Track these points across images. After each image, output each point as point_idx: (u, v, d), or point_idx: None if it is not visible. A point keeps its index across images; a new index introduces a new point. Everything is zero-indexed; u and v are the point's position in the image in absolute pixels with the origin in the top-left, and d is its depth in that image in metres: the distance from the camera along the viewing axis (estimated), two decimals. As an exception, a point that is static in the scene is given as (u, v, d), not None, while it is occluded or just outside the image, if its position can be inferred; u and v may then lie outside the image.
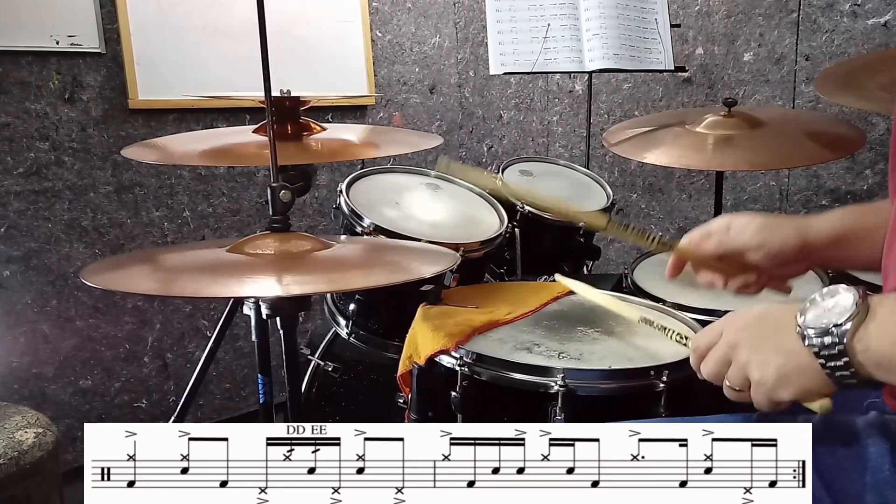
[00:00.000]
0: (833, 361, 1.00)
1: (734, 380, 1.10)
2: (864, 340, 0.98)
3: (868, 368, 0.99)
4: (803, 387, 1.04)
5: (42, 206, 2.95)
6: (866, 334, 0.99)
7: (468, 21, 4.24)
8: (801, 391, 1.04)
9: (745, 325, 1.11)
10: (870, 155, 2.88)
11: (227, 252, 1.63)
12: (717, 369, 1.12)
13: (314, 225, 3.71)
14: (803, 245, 1.42)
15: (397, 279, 1.66)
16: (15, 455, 1.98)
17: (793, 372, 1.04)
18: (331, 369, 2.25)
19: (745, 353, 1.08)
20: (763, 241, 1.43)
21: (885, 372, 0.99)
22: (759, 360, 1.06)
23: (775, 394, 1.05)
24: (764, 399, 1.07)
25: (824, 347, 1.00)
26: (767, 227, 1.44)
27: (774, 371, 1.05)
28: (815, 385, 1.03)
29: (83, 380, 3.13)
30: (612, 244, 3.74)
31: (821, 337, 1.00)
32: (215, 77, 3.27)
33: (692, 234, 1.52)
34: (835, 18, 2.89)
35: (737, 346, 1.09)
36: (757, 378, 1.06)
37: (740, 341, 1.09)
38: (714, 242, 1.47)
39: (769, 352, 1.06)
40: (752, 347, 1.08)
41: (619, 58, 2.85)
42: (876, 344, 0.98)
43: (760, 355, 1.06)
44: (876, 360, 0.98)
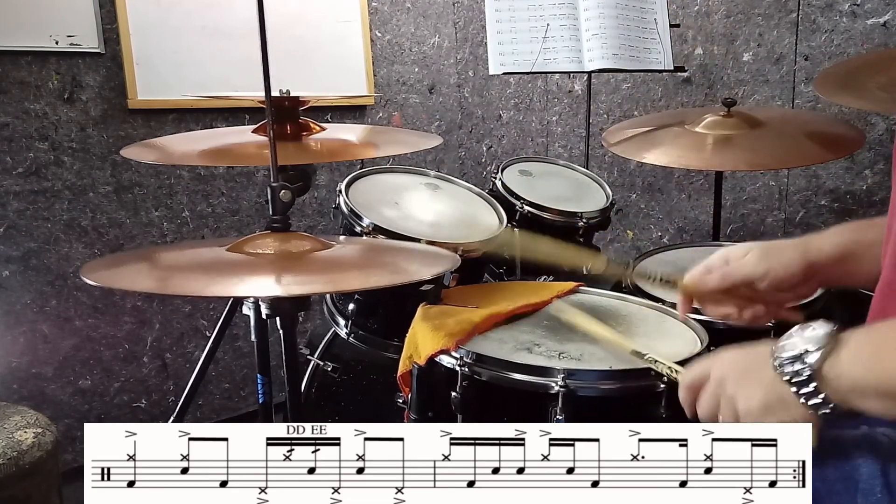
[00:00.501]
0: (803, 388, 1.02)
1: (726, 414, 1.11)
2: (835, 368, 1.00)
3: (843, 395, 1.00)
4: (786, 418, 1.05)
5: (41, 206, 2.95)
6: (838, 362, 1.00)
7: (467, 21, 4.24)
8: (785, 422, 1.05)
9: (730, 361, 1.14)
10: (869, 155, 2.88)
11: (226, 251, 1.63)
12: (710, 408, 1.14)
13: (313, 225, 3.71)
14: (807, 266, 1.41)
15: (396, 280, 1.66)
16: (14, 455, 1.98)
17: (774, 403, 1.05)
18: (330, 369, 2.25)
19: (731, 387, 1.10)
20: (767, 268, 1.42)
21: (859, 397, 1.00)
22: (744, 394, 1.09)
23: None
24: None
25: (794, 374, 1.02)
26: (768, 254, 1.43)
27: (758, 402, 1.07)
28: (796, 416, 1.04)
29: (82, 380, 3.13)
30: (612, 244, 3.74)
31: (791, 364, 1.03)
32: (214, 77, 3.27)
33: (693, 273, 1.50)
34: (834, 18, 2.89)
35: (724, 381, 1.12)
36: (744, 410, 1.08)
37: (727, 377, 1.12)
38: (716, 277, 1.46)
39: (752, 384, 1.08)
40: (737, 381, 1.10)
41: (619, 58, 2.85)
42: (847, 370, 1.00)
43: (745, 388, 1.09)
44: (849, 386, 1.00)
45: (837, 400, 1.01)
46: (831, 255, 1.42)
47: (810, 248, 1.42)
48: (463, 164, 4.44)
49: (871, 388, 0.99)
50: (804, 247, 1.43)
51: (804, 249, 1.42)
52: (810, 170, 3.05)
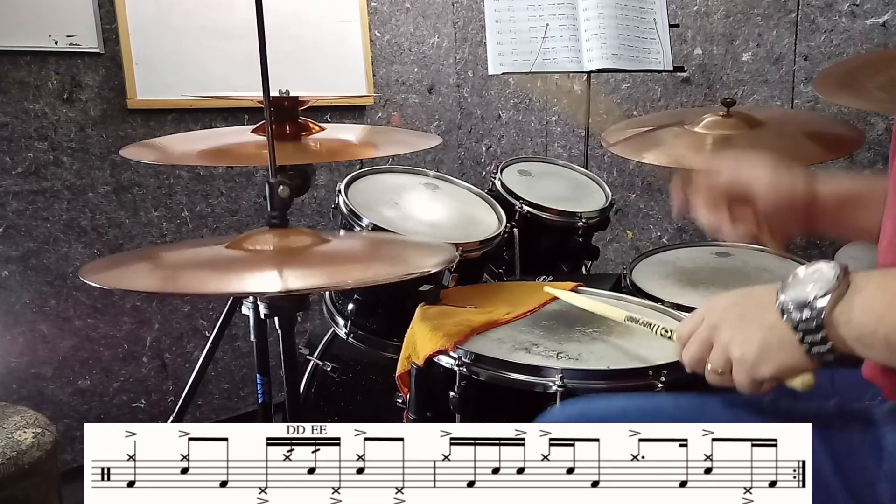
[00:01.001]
0: (810, 335, 1.00)
1: (716, 361, 1.10)
2: (846, 314, 0.98)
3: (848, 342, 0.99)
4: (784, 363, 1.04)
5: (41, 206, 2.95)
6: (849, 308, 0.98)
7: (467, 21, 4.24)
8: (781, 367, 1.04)
9: (726, 306, 1.11)
10: (868, 155, 2.88)
11: (226, 248, 1.63)
12: (698, 354, 1.13)
13: (313, 225, 3.71)
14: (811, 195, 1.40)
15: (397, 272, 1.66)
16: (14, 455, 1.98)
17: (773, 347, 1.04)
18: (329, 369, 2.26)
19: (727, 332, 1.08)
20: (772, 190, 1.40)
21: (865, 347, 0.99)
22: (740, 338, 1.06)
23: (756, 371, 1.05)
24: (745, 378, 1.07)
25: (802, 321, 1.00)
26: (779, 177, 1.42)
27: (756, 347, 1.05)
28: (795, 361, 1.03)
29: (82, 380, 3.13)
30: (611, 244, 3.74)
31: (799, 310, 1.00)
32: (214, 77, 3.27)
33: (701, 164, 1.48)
34: (833, 18, 2.89)
35: (718, 326, 1.10)
36: (738, 356, 1.06)
37: (722, 322, 1.10)
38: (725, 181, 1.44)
39: (751, 328, 1.06)
40: (733, 326, 1.08)
41: (618, 58, 2.85)
42: (859, 317, 0.98)
43: (742, 333, 1.07)
44: (857, 334, 0.98)
45: (841, 347, 0.99)
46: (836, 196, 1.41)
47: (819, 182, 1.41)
48: (462, 164, 4.44)
49: (881, 337, 0.97)
50: (814, 179, 1.42)
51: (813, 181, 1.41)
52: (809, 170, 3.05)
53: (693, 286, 2.13)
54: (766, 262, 2.32)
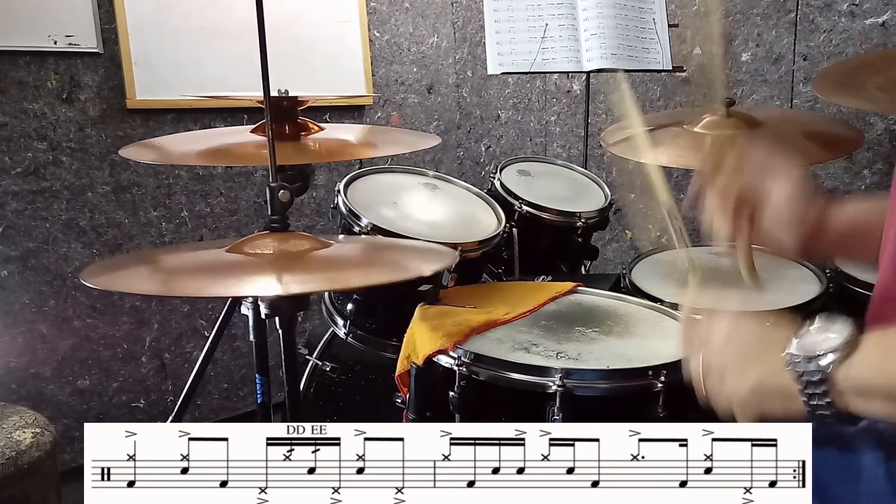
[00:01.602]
0: (812, 389, 1.00)
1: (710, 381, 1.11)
2: (846, 370, 0.99)
3: (847, 398, 0.99)
4: (771, 409, 1.05)
5: (40, 205, 2.95)
6: (850, 365, 0.99)
7: (466, 21, 4.24)
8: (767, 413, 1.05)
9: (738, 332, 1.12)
10: (868, 155, 2.88)
11: (226, 252, 1.63)
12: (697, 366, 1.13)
13: (312, 225, 3.71)
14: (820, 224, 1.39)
15: (396, 277, 1.66)
16: (13, 455, 1.98)
17: (768, 391, 1.05)
18: (329, 369, 2.25)
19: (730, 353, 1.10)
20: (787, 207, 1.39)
21: (865, 399, 0.99)
22: (739, 371, 1.08)
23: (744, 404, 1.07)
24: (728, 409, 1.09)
25: (806, 374, 1.00)
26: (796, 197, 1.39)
27: (751, 385, 1.06)
28: (783, 411, 1.04)
29: (81, 380, 3.13)
30: (610, 244, 3.74)
31: (806, 363, 1.00)
32: (213, 77, 3.27)
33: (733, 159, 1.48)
34: (833, 18, 2.89)
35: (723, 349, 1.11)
36: (731, 386, 1.08)
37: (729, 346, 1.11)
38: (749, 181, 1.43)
39: (752, 365, 1.07)
40: (737, 355, 1.09)
41: (617, 58, 2.85)
42: (858, 371, 0.98)
43: (742, 366, 1.08)
44: (856, 389, 0.98)
45: (840, 402, 0.99)
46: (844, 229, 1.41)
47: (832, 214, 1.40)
48: (461, 164, 4.44)
49: (880, 390, 0.98)
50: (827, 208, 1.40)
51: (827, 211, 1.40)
52: (808, 170, 3.05)
53: (692, 286, 2.12)
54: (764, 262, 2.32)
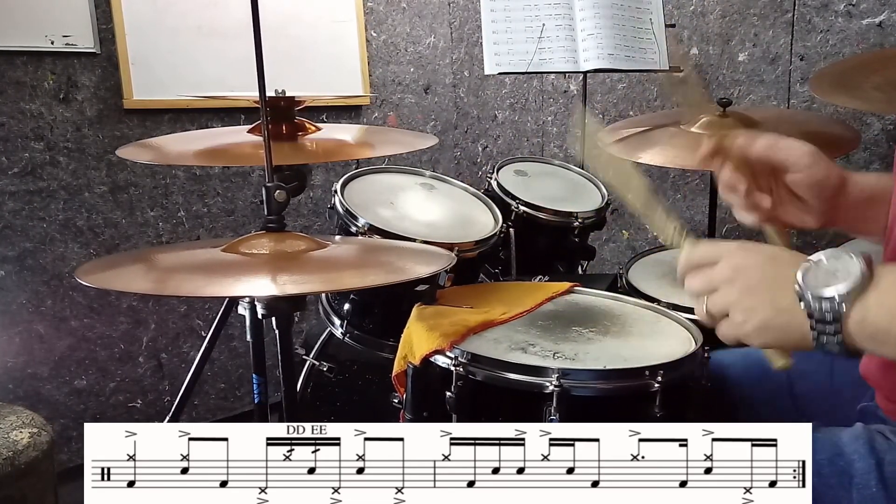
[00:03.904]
0: (823, 326, 0.98)
1: (713, 306, 1.09)
2: (861, 311, 0.97)
3: (859, 339, 0.97)
4: (779, 342, 1.05)
5: (37, 206, 2.95)
6: (865, 305, 0.97)
7: (463, 21, 4.24)
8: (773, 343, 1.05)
9: (745, 266, 1.08)
10: (864, 155, 2.88)
11: (222, 252, 1.63)
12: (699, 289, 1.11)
13: (309, 225, 3.71)
14: (841, 187, 1.37)
15: (393, 279, 1.66)
16: (10, 455, 1.98)
17: (776, 327, 1.03)
18: (326, 369, 2.25)
19: (735, 292, 1.07)
20: (811, 163, 1.35)
21: (879, 344, 0.98)
22: (746, 305, 1.05)
23: (746, 337, 1.06)
24: (731, 337, 1.07)
25: (820, 312, 0.98)
26: (818, 154, 1.37)
27: (758, 321, 1.04)
28: (792, 343, 1.03)
29: (78, 380, 3.13)
30: (607, 244, 3.74)
31: (818, 302, 0.98)
32: (210, 77, 3.27)
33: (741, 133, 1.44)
34: (829, 18, 2.89)
35: (731, 281, 1.08)
36: (738, 320, 1.06)
37: (736, 279, 1.07)
38: (763, 145, 1.39)
39: (761, 301, 1.05)
40: (744, 290, 1.06)
41: (614, 58, 2.85)
42: (874, 316, 0.96)
43: (750, 301, 1.05)
44: (871, 332, 0.97)
45: (851, 342, 0.98)
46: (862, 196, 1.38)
47: (851, 178, 1.39)
48: (458, 164, 4.45)
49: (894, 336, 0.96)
50: (847, 174, 1.39)
51: (847, 175, 1.39)
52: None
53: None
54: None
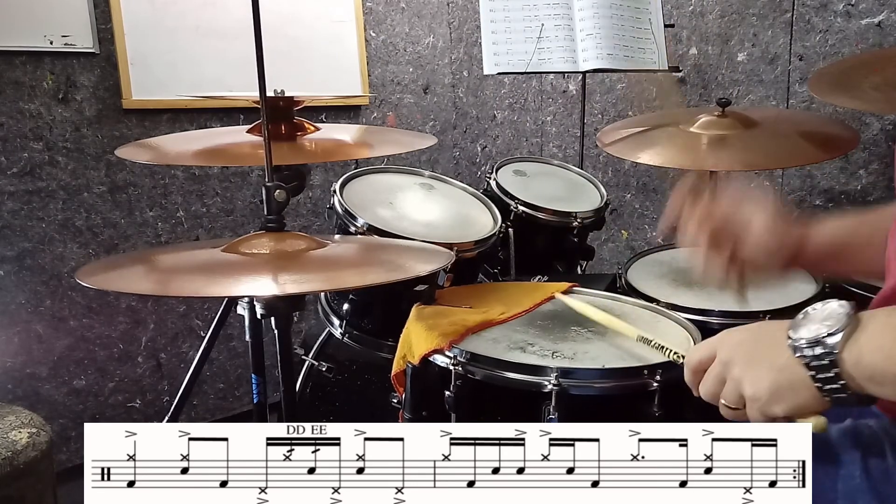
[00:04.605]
0: (823, 373, 0.99)
1: (729, 397, 1.09)
2: (854, 353, 0.98)
3: (859, 382, 0.98)
4: (796, 403, 1.03)
5: (36, 206, 2.95)
6: (857, 346, 0.98)
7: (462, 21, 4.24)
8: (794, 407, 1.03)
9: (738, 342, 1.11)
10: (864, 155, 2.88)
11: (222, 252, 1.63)
12: (713, 389, 1.12)
13: (308, 225, 3.71)
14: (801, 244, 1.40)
15: (393, 277, 1.66)
16: (9, 455, 1.98)
17: (786, 387, 1.03)
18: (325, 369, 2.25)
19: (738, 369, 1.08)
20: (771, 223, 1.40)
21: (878, 385, 0.98)
22: (752, 377, 1.06)
23: (769, 410, 1.05)
24: (759, 415, 1.06)
25: (815, 358, 0.99)
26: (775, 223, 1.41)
27: (767, 386, 1.04)
28: (808, 401, 1.02)
29: (77, 380, 3.13)
30: (606, 244, 3.74)
31: (812, 347, 1.00)
32: (209, 77, 3.27)
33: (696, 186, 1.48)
34: (829, 18, 2.89)
35: (730, 363, 1.09)
36: (750, 394, 1.06)
37: (734, 358, 1.09)
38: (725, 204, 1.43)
39: (762, 367, 1.05)
40: (745, 364, 1.07)
41: (613, 58, 2.85)
42: (868, 357, 0.97)
43: (753, 371, 1.06)
44: (868, 374, 0.97)
45: (853, 386, 0.98)
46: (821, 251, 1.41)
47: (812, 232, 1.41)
48: (457, 164, 4.45)
49: (891, 375, 0.96)
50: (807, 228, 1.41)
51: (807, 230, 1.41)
52: (805, 170, 3.06)
53: (688, 286, 2.13)
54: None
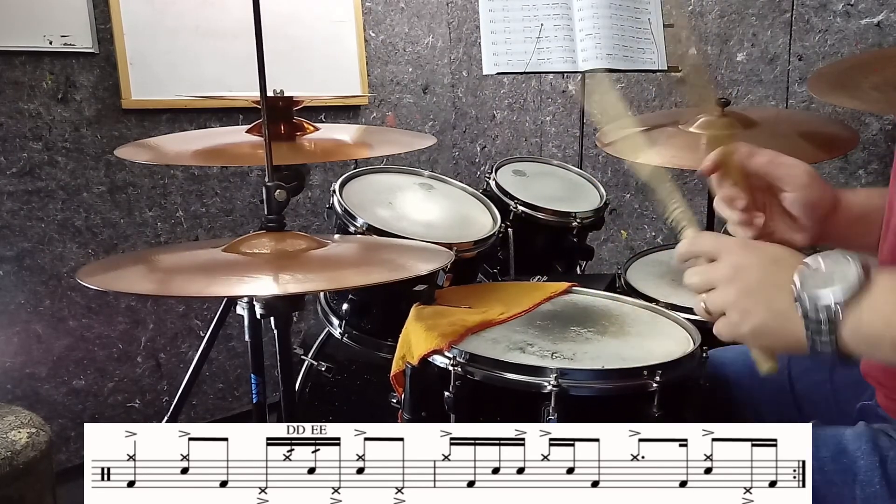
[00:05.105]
0: (819, 331, 0.98)
1: (712, 306, 1.09)
2: (855, 318, 0.97)
3: (853, 344, 0.97)
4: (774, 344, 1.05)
5: (35, 206, 2.95)
6: (859, 310, 0.97)
7: (461, 21, 4.24)
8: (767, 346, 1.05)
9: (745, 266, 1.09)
10: (863, 155, 2.88)
11: (222, 252, 1.63)
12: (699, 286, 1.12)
13: (307, 225, 3.71)
14: (833, 210, 1.39)
15: (392, 277, 1.66)
16: (8, 455, 1.98)
17: (772, 330, 1.03)
18: (324, 369, 2.26)
19: (733, 292, 1.07)
20: (808, 183, 1.37)
21: (872, 348, 0.98)
22: (743, 307, 1.05)
23: (742, 338, 1.06)
24: (727, 335, 1.07)
25: (815, 316, 0.98)
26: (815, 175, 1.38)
27: (756, 323, 1.04)
28: (785, 347, 1.03)
29: (76, 380, 3.13)
30: (605, 244, 3.74)
31: (814, 306, 0.98)
32: (208, 77, 3.27)
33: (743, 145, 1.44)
34: (828, 18, 2.89)
35: (730, 281, 1.08)
36: (734, 320, 1.06)
37: (734, 278, 1.08)
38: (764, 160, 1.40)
39: (759, 303, 1.05)
40: (742, 291, 1.06)
41: (613, 58, 2.85)
42: (868, 321, 0.96)
43: (747, 302, 1.05)
44: (864, 337, 0.97)
45: (845, 347, 0.98)
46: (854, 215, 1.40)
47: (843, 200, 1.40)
48: (457, 164, 4.45)
49: (889, 341, 0.96)
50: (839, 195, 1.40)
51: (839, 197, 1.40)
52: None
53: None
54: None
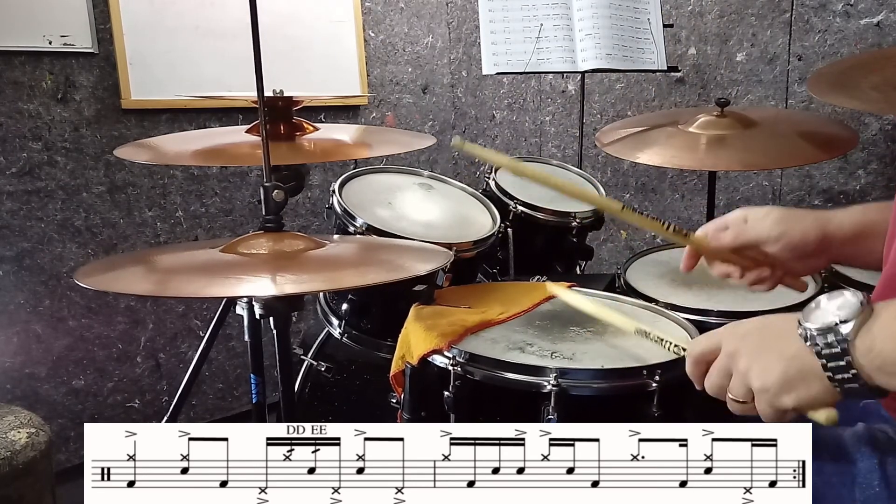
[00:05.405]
0: (835, 362, 0.96)
1: (736, 391, 1.06)
2: (867, 342, 0.95)
3: (871, 372, 0.95)
4: (807, 394, 1.00)
5: (35, 206, 2.94)
6: (870, 335, 0.95)
7: (461, 21, 4.24)
8: (804, 399, 1.01)
9: (745, 334, 1.08)
10: (862, 155, 2.88)
11: (220, 252, 1.63)
12: (719, 382, 1.09)
13: (307, 225, 3.71)
14: (823, 237, 1.39)
15: (392, 277, 1.66)
16: (7, 455, 1.98)
17: (796, 377, 1.00)
18: (324, 369, 2.25)
19: (745, 361, 1.05)
20: (782, 232, 1.39)
21: (888, 375, 0.95)
22: (760, 367, 1.03)
23: (779, 401, 1.02)
24: (768, 408, 1.03)
25: (826, 347, 0.97)
26: (786, 218, 1.40)
27: (777, 377, 1.01)
28: (819, 392, 0.99)
29: (76, 380, 3.13)
30: (605, 244, 3.74)
31: (823, 336, 0.97)
32: (208, 77, 3.27)
33: (708, 227, 1.47)
34: (827, 18, 2.89)
35: (737, 355, 1.06)
36: (758, 386, 1.03)
37: (740, 350, 1.06)
38: (731, 235, 1.43)
39: (771, 358, 1.02)
40: (752, 355, 1.05)
41: (612, 58, 2.85)
42: (880, 346, 0.94)
43: (762, 362, 1.03)
44: (879, 364, 0.95)
45: (864, 376, 0.95)
46: (848, 232, 1.39)
47: (829, 221, 1.40)
48: (456, 164, 4.45)
49: None
50: (824, 218, 1.40)
51: (825, 221, 1.40)
52: (803, 170, 3.06)
53: (687, 286, 2.13)
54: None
